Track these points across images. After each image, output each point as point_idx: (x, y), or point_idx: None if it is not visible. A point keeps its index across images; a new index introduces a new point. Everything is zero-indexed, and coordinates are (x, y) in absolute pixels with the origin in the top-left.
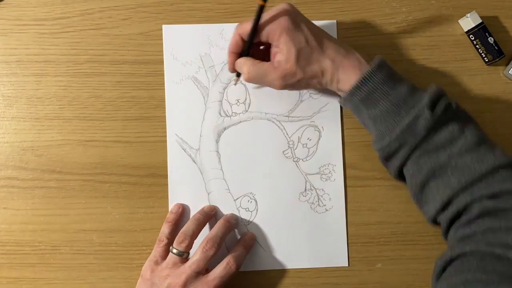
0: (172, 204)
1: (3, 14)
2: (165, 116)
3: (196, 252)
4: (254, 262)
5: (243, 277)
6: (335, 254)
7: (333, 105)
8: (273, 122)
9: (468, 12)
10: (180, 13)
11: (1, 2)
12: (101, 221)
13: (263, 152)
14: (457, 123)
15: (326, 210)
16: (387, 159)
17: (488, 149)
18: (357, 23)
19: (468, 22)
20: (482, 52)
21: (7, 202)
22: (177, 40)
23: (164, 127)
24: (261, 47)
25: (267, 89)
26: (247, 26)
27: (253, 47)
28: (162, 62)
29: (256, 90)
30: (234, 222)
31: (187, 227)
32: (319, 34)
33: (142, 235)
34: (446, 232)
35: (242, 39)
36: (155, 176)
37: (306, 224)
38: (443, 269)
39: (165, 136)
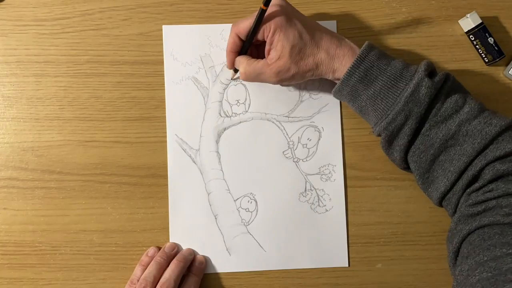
0: (172, 204)
1: (3, 15)
2: (165, 117)
3: None
4: (254, 262)
5: (243, 278)
6: (335, 255)
7: (333, 105)
8: (273, 122)
9: (468, 13)
10: (180, 14)
11: (1, 3)
12: (101, 222)
13: (263, 153)
14: (458, 93)
15: (326, 210)
16: (391, 140)
17: (492, 113)
18: (357, 23)
19: (468, 22)
20: (482, 53)
21: (7, 203)
22: (177, 41)
23: (164, 127)
24: (257, 45)
25: (267, 89)
26: (243, 25)
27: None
28: (162, 62)
29: (256, 90)
30: (190, 258)
31: (148, 273)
32: (312, 28)
33: (142, 236)
34: (456, 205)
35: (239, 38)
36: (155, 176)
37: (306, 224)
38: (459, 247)
39: (165, 136)
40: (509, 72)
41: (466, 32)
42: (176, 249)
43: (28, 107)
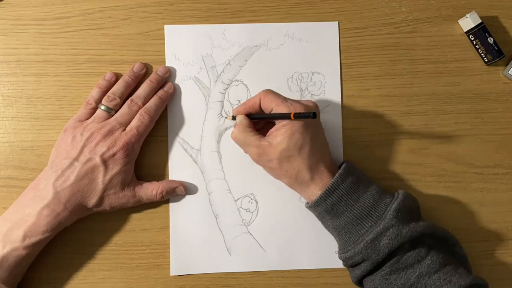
0: (172, 203)
1: (3, 14)
2: (166, 116)
3: (122, 108)
4: (255, 262)
5: (243, 278)
6: (335, 255)
7: (334, 105)
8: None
9: (468, 12)
10: (180, 13)
11: (1, 2)
12: (101, 221)
13: None
14: (423, 245)
15: None
16: (348, 268)
17: (453, 269)
18: (357, 23)
19: (468, 22)
20: (482, 52)
21: (7, 202)
22: (179, 40)
23: (165, 127)
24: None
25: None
26: (269, 104)
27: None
28: (162, 62)
29: (258, 90)
30: (163, 79)
31: (115, 88)
32: (316, 147)
33: (142, 235)
34: None
35: (260, 107)
36: (156, 176)
37: (307, 225)
38: None
39: (166, 136)
40: (509, 72)
41: (466, 32)
42: (144, 70)
43: (28, 106)
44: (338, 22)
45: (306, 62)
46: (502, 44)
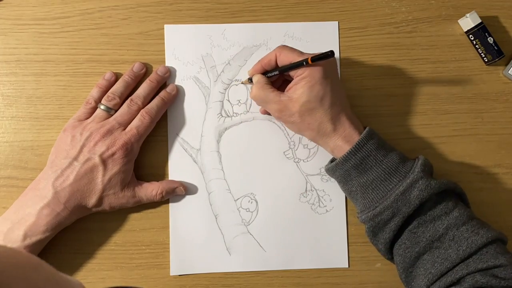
0: (172, 203)
1: (2, 14)
2: (166, 116)
3: (121, 108)
4: (255, 262)
5: (243, 277)
6: (335, 255)
7: None
8: (274, 122)
9: (468, 12)
10: (180, 13)
11: (1, 2)
12: (101, 221)
13: (264, 153)
14: (450, 199)
15: (327, 211)
16: (375, 232)
17: (481, 223)
18: (357, 23)
19: (468, 22)
20: (482, 52)
21: (7, 202)
22: (179, 40)
23: (165, 126)
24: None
25: None
26: (286, 56)
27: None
28: (162, 61)
29: None
30: (163, 79)
31: (115, 88)
32: (337, 99)
33: (142, 235)
34: None
35: (276, 62)
36: (156, 175)
37: (307, 225)
38: None
39: (166, 136)
40: (509, 72)
41: (466, 32)
42: (144, 69)
43: (28, 106)
44: (338, 22)
45: None
46: (502, 44)
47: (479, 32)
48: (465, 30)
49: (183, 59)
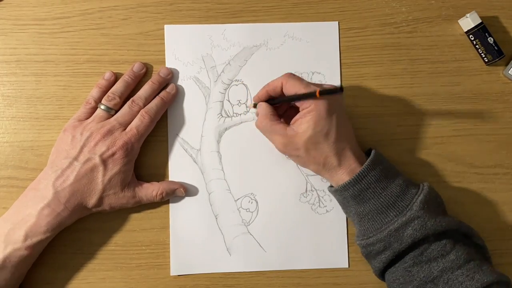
0: (172, 203)
1: (2, 14)
2: (166, 116)
3: (122, 108)
4: (255, 262)
5: (243, 278)
6: (335, 255)
7: None
8: None
9: (468, 12)
10: (180, 13)
11: (1, 2)
12: (101, 221)
13: (264, 153)
14: (449, 240)
15: (327, 211)
16: (368, 258)
17: (478, 266)
18: (357, 23)
19: (468, 22)
20: (482, 52)
21: (7, 202)
22: (179, 40)
23: (165, 127)
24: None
25: None
26: (292, 87)
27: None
28: (162, 62)
29: (258, 91)
30: (165, 80)
31: (115, 88)
32: (342, 133)
33: (142, 235)
34: None
35: (282, 90)
36: (156, 176)
37: (307, 225)
38: None
39: (166, 136)
40: (509, 72)
41: (466, 32)
42: (144, 69)
43: (28, 106)
44: (338, 22)
45: (306, 62)
46: (502, 44)
47: (479, 32)
48: (465, 30)
49: (183, 59)
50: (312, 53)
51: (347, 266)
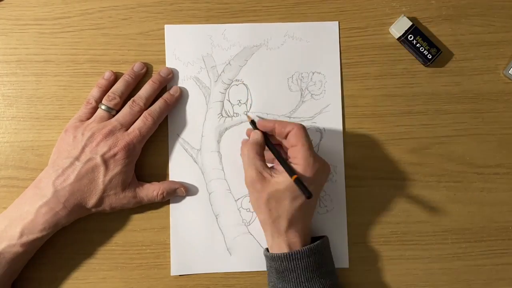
0: (172, 203)
1: (3, 14)
2: (166, 116)
3: (123, 108)
4: (255, 262)
5: (243, 278)
6: (336, 255)
7: (335, 106)
8: None
9: (469, 12)
10: (180, 13)
11: (1, 2)
12: (101, 221)
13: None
14: None
15: (327, 211)
16: None
17: None
18: (357, 23)
19: (400, 27)
20: (425, 50)
21: (7, 202)
22: (179, 40)
23: (165, 127)
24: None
25: (268, 90)
26: (297, 144)
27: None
28: (163, 61)
29: (258, 91)
30: (166, 80)
31: (116, 88)
32: (307, 208)
33: (142, 235)
34: None
35: (286, 136)
36: (156, 176)
37: None
38: None
39: (167, 136)
40: (509, 72)
41: (398, 39)
42: (145, 69)
43: (28, 106)
44: (338, 22)
45: (306, 62)
46: (503, 44)
47: (410, 36)
48: (397, 37)
49: (183, 59)
50: (312, 53)
51: (347, 266)
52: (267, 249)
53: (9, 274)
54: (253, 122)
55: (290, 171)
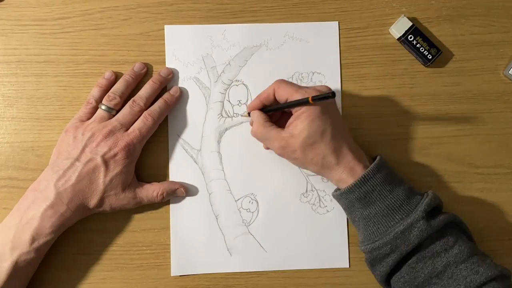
0: (173, 204)
1: (3, 14)
2: (166, 117)
3: (123, 108)
4: (255, 263)
5: (244, 278)
6: (336, 255)
7: None
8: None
9: (470, 12)
10: (180, 13)
11: (1, 2)
12: (101, 221)
13: (264, 153)
14: (451, 235)
15: (327, 211)
16: (373, 263)
17: (481, 260)
18: (357, 23)
19: (399, 27)
20: (425, 50)
21: (7, 202)
22: (179, 41)
23: (165, 127)
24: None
25: None
26: (284, 92)
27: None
28: (163, 62)
29: (258, 91)
30: (166, 80)
31: (116, 88)
32: (337, 131)
33: (142, 235)
34: None
35: (274, 98)
36: (156, 176)
37: (307, 225)
38: None
39: (167, 136)
40: (509, 72)
41: (399, 39)
42: (145, 69)
43: (28, 106)
44: (338, 22)
45: (306, 62)
46: (504, 44)
47: (414, 34)
48: (397, 37)
49: (183, 59)
50: (312, 53)
51: (348, 266)
52: (335, 191)
53: (25, 282)
54: (249, 114)
55: (303, 99)
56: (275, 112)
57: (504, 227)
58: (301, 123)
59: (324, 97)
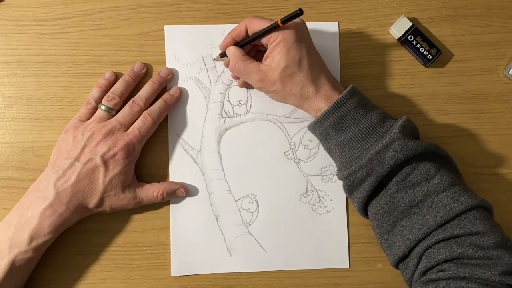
0: (173, 204)
1: (3, 15)
2: (166, 117)
3: (123, 108)
4: (255, 263)
5: (244, 278)
6: (336, 256)
7: None
8: (274, 123)
9: (470, 12)
10: (180, 14)
11: (2, 3)
12: (101, 221)
13: (264, 153)
14: (433, 165)
15: (328, 211)
16: (351, 190)
17: (462, 190)
18: (357, 23)
19: (399, 27)
20: (425, 50)
21: (7, 203)
22: (179, 41)
23: (165, 127)
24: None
25: None
26: (256, 24)
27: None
28: (163, 62)
29: (258, 91)
30: (166, 80)
31: (115, 88)
32: (315, 61)
33: (142, 236)
34: (412, 271)
35: (246, 32)
36: (156, 176)
37: (307, 225)
38: None
39: (167, 136)
40: (509, 72)
41: (399, 39)
42: (145, 69)
43: (28, 107)
44: (338, 23)
45: None
46: (504, 44)
47: (413, 35)
48: (397, 38)
49: (183, 60)
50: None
51: (348, 266)
52: (311, 123)
53: (21, 281)
54: (222, 55)
55: (273, 25)
56: (249, 49)
57: (504, 227)
58: (277, 54)
59: (292, 17)
